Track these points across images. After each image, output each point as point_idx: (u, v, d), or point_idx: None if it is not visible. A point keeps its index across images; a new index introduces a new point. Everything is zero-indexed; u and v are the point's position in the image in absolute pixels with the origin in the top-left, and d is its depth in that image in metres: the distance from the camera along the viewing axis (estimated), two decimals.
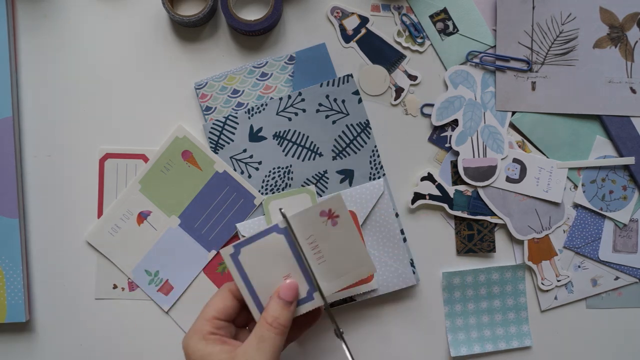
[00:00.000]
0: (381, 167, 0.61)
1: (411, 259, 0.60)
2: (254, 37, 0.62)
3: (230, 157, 0.61)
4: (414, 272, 0.60)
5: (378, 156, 0.61)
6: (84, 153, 0.62)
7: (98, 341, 0.61)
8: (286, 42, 0.62)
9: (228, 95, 0.61)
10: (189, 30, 0.62)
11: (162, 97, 0.62)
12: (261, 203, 0.60)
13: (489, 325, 0.61)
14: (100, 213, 0.61)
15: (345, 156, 0.61)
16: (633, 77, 0.62)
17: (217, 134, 0.60)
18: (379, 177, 0.61)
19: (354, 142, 0.61)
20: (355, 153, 0.61)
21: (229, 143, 0.60)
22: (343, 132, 0.61)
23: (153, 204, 0.59)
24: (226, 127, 0.60)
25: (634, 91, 0.61)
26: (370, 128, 0.61)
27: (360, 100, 0.61)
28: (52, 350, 0.61)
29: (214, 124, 0.60)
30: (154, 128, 0.62)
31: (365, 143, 0.61)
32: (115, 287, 0.61)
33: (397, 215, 0.61)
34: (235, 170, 0.60)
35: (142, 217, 0.59)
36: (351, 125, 0.61)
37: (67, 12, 0.62)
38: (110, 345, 0.61)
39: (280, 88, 0.61)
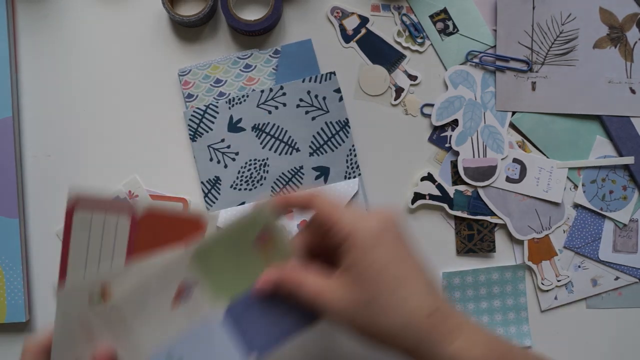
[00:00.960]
0: (357, 166, 0.61)
1: None
2: (254, 37, 0.62)
3: (208, 146, 0.60)
4: None
5: (355, 155, 0.61)
6: (83, 153, 0.62)
7: None
8: (286, 42, 0.62)
9: (211, 84, 0.61)
10: (189, 30, 0.62)
11: (162, 95, 0.62)
12: None
13: (489, 325, 0.61)
14: None
15: (322, 153, 0.61)
16: (633, 77, 0.62)
17: (197, 121, 0.60)
18: (354, 177, 0.61)
19: (332, 139, 0.61)
20: (333, 151, 0.61)
21: (207, 132, 0.60)
22: (322, 129, 0.61)
23: (203, 278, 0.44)
24: (206, 115, 0.60)
25: (633, 91, 0.62)
26: (349, 127, 0.61)
27: (341, 99, 0.61)
28: None
29: (194, 111, 0.60)
30: (154, 126, 0.62)
31: (343, 142, 0.61)
32: None
33: None
34: (212, 159, 0.60)
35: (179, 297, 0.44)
36: (330, 122, 0.61)
37: (67, 12, 0.62)
38: None
39: (264, 81, 0.61)
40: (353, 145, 0.61)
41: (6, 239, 0.59)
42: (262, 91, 0.61)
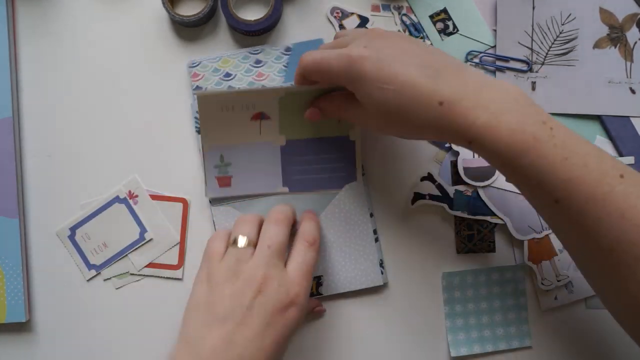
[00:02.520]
0: (361, 166, 0.61)
1: (381, 260, 0.60)
2: (254, 37, 0.62)
3: None
4: (382, 273, 0.60)
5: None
6: (83, 153, 0.62)
7: (98, 341, 0.61)
8: (286, 42, 0.62)
9: (220, 77, 0.61)
10: (189, 30, 0.62)
11: (161, 96, 0.62)
12: None
13: (489, 326, 0.62)
14: None
15: None
16: (632, 77, 0.62)
17: None
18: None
19: None
20: None
21: None
22: None
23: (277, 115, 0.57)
24: None
25: (633, 91, 0.62)
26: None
27: None
28: (52, 350, 0.61)
29: None
30: (153, 127, 0.62)
31: None
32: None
33: (371, 215, 0.61)
34: None
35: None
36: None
37: (67, 12, 0.62)
38: (111, 345, 0.61)
39: (273, 77, 0.61)
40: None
41: (6, 239, 0.59)
42: None
